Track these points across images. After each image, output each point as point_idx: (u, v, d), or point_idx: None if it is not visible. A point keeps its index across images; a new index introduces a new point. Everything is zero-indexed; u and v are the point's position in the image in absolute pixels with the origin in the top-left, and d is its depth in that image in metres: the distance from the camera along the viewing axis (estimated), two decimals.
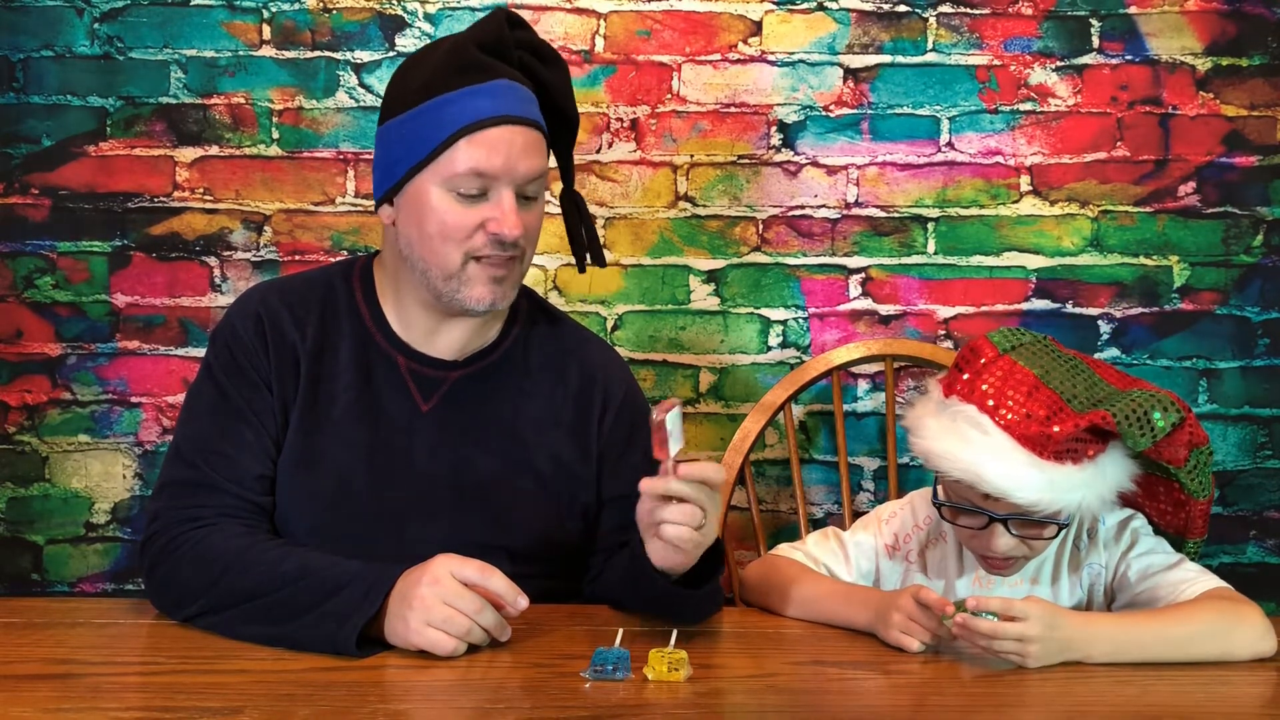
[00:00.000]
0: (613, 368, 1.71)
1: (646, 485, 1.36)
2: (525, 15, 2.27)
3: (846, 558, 1.65)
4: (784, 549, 1.67)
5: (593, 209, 2.29)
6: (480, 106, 1.50)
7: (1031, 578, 1.58)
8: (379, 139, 1.58)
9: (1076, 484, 1.44)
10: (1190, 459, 1.51)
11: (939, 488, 1.53)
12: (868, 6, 2.30)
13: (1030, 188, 2.32)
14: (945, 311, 2.32)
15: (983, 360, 1.50)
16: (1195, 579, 1.48)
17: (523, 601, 1.36)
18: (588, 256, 1.66)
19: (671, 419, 1.33)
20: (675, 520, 1.35)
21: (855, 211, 2.32)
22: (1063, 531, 1.52)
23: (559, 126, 1.61)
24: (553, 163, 1.62)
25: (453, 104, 1.50)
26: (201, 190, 2.29)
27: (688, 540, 1.37)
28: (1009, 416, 1.44)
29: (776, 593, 1.59)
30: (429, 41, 1.65)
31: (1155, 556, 1.54)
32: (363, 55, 2.29)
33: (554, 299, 2.29)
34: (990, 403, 1.46)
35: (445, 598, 1.34)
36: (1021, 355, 1.50)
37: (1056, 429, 1.43)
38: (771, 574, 1.62)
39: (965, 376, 1.50)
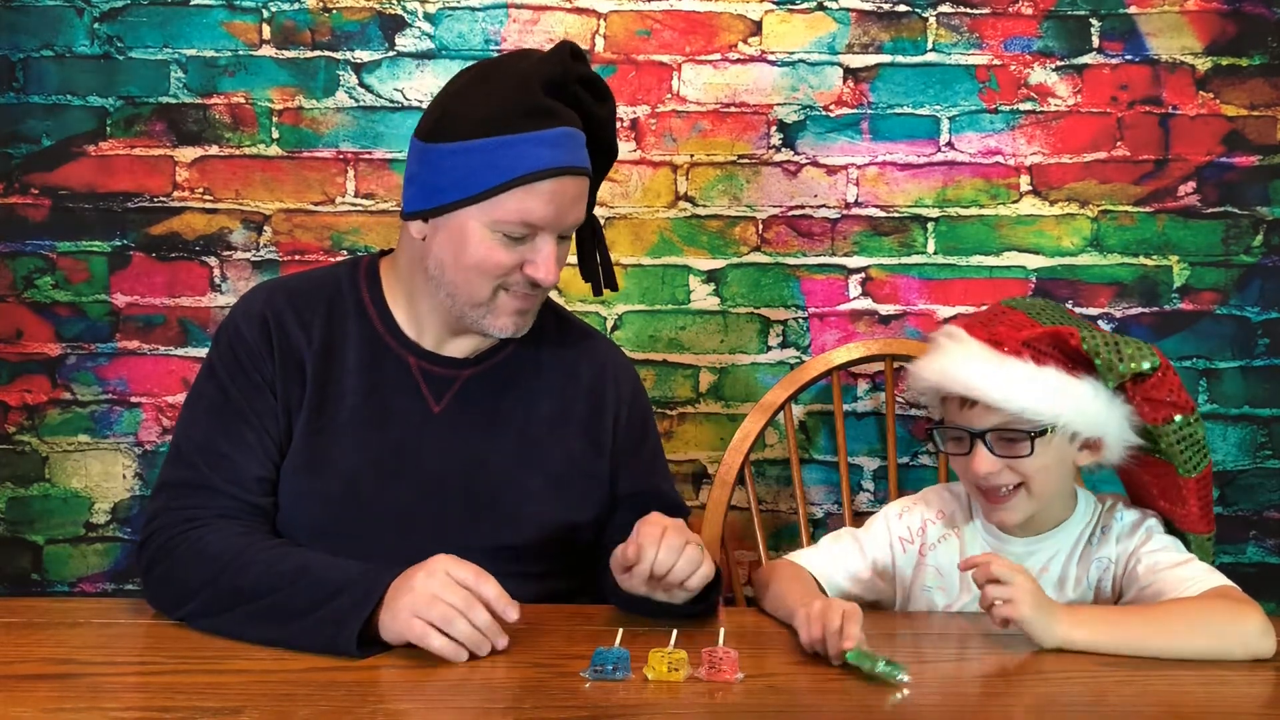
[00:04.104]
0: (621, 364, 1.74)
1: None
2: (525, 15, 2.28)
3: (862, 552, 1.66)
4: (794, 554, 1.68)
5: None
6: (540, 156, 1.49)
7: (1042, 566, 1.59)
8: (421, 154, 1.55)
9: (1040, 386, 1.48)
10: (1175, 423, 1.52)
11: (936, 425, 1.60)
12: (868, 6, 2.30)
13: (1030, 188, 2.32)
14: (945, 311, 2.32)
15: (983, 308, 1.63)
16: (1202, 578, 1.48)
17: (513, 613, 1.35)
18: (602, 281, 1.68)
19: None
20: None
21: (855, 211, 2.32)
22: (1046, 437, 1.51)
23: (600, 160, 1.60)
24: None
25: (512, 148, 1.49)
26: (201, 190, 2.29)
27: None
28: (985, 331, 1.53)
29: (762, 592, 1.62)
30: (488, 59, 1.57)
31: (1166, 554, 1.54)
32: (363, 55, 2.29)
33: (554, 299, 2.29)
34: (969, 324, 1.56)
35: (435, 590, 1.33)
36: (1018, 303, 1.59)
37: (1023, 333, 1.50)
38: (765, 575, 1.65)
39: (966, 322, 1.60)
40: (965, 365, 1.51)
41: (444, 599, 1.33)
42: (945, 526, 1.65)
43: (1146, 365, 1.48)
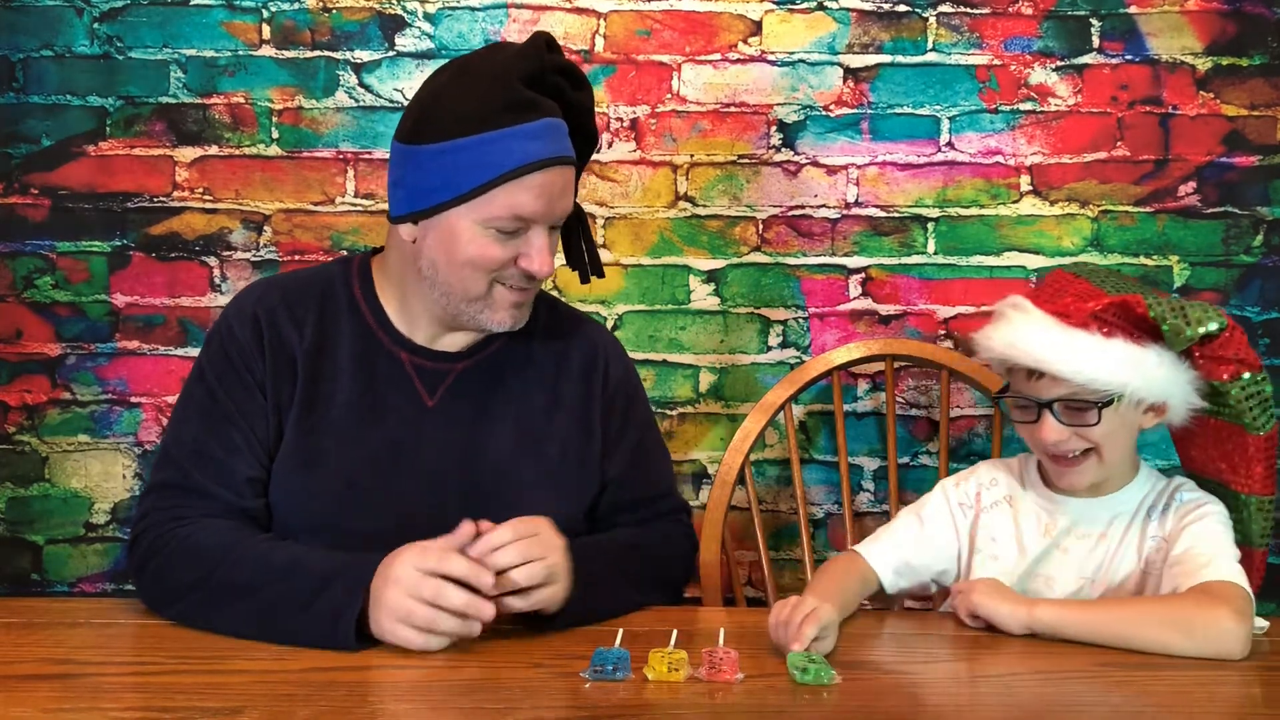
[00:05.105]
0: (612, 348, 1.74)
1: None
2: (525, 15, 2.28)
3: (921, 524, 1.67)
4: (859, 544, 1.69)
5: (593, 209, 2.29)
6: (527, 149, 1.49)
7: (1101, 532, 1.59)
8: (404, 157, 1.54)
9: (1108, 357, 1.49)
10: (1243, 380, 1.52)
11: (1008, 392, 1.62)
12: (868, 6, 2.30)
13: (1030, 188, 2.32)
14: (945, 311, 2.32)
15: (1047, 279, 1.62)
16: (1219, 572, 1.46)
17: (487, 578, 1.35)
18: (588, 268, 1.68)
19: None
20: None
21: (855, 211, 2.32)
22: (1113, 406, 1.52)
23: (581, 147, 1.60)
24: None
25: (497, 144, 1.48)
26: (201, 190, 2.29)
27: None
28: (1051, 303, 1.54)
29: None
30: (461, 56, 1.57)
31: (1204, 542, 1.52)
32: (362, 55, 2.29)
33: (548, 292, 2.29)
34: (1035, 294, 1.57)
35: (408, 591, 1.34)
36: (1079, 270, 1.60)
37: (1089, 304, 1.51)
38: (820, 570, 1.66)
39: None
40: (1033, 337, 1.52)
41: (416, 596, 1.34)
42: (999, 494, 1.67)
43: (1214, 325, 1.50)
